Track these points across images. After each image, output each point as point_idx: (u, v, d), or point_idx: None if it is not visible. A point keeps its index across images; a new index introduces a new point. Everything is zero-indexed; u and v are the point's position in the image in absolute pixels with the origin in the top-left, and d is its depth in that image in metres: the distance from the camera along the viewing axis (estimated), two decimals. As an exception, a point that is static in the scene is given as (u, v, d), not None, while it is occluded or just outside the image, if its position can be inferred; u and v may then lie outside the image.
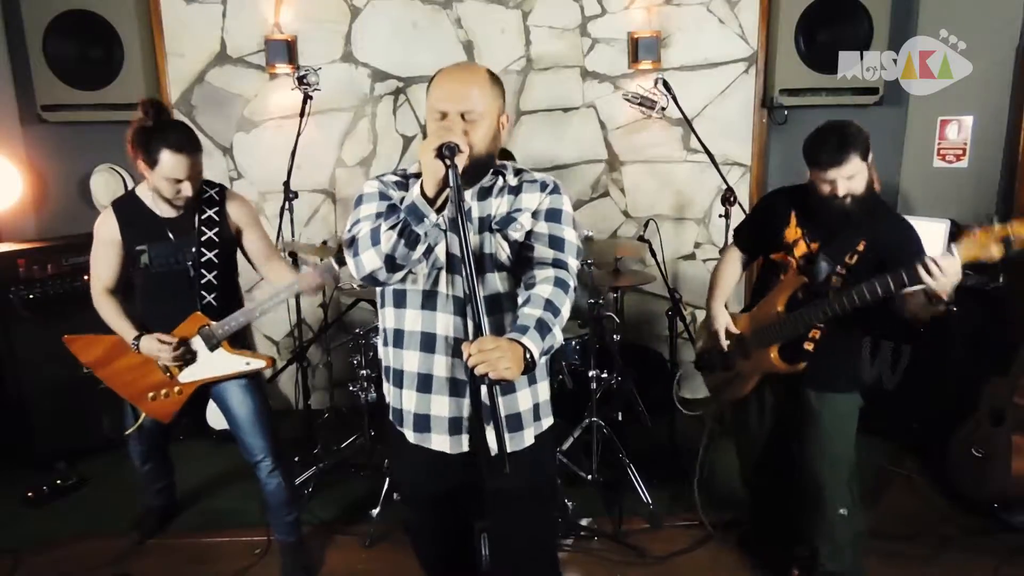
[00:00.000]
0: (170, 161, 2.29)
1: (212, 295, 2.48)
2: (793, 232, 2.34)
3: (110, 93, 3.75)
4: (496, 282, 1.68)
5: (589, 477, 3.23)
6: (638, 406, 3.71)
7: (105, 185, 3.95)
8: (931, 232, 3.58)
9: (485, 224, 1.68)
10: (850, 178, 2.14)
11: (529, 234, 1.68)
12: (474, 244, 1.65)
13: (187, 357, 2.48)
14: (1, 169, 3.84)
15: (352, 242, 1.58)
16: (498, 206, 1.68)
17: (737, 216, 3.42)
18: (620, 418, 3.65)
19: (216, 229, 2.48)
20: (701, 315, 4.21)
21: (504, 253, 1.68)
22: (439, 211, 1.49)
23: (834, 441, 2.34)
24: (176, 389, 2.54)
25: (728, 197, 3.35)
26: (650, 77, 3.71)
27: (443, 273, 1.66)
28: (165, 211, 2.45)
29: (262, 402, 2.62)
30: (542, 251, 1.66)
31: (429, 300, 1.67)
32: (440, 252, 1.65)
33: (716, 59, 3.98)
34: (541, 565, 1.90)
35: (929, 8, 3.84)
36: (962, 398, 3.13)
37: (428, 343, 1.67)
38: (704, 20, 3.93)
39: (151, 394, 2.55)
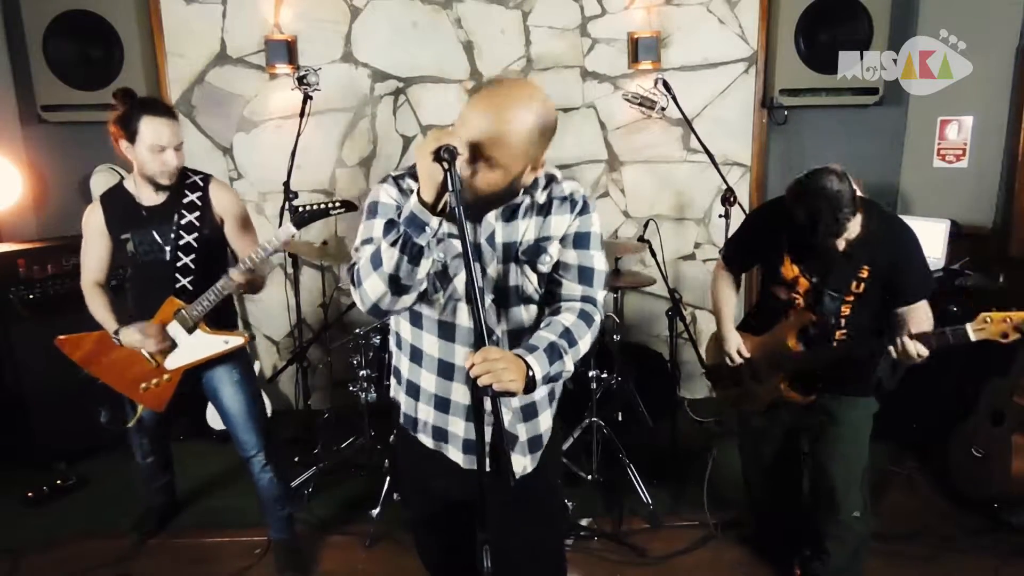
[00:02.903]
0: (150, 126, 2.31)
1: (188, 279, 2.48)
2: (790, 270, 2.33)
3: (110, 93, 3.71)
4: (521, 315, 1.61)
5: (589, 477, 3.24)
6: (638, 406, 3.71)
7: (105, 185, 3.90)
8: (931, 232, 3.59)
9: (510, 252, 1.57)
10: (849, 234, 2.12)
11: (556, 262, 1.60)
12: (498, 274, 1.57)
13: (169, 346, 2.49)
14: (1, 169, 3.84)
15: (355, 273, 1.47)
16: (525, 230, 1.57)
17: (737, 216, 3.43)
18: (620, 418, 3.65)
19: (197, 213, 2.47)
20: (700, 315, 4.24)
21: (531, 286, 1.60)
22: (440, 214, 1.39)
23: (850, 445, 2.34)
24: (165, 377, 2.54)
25: (728, 197, 3.35)
26: (650, 77, 3.71)
27: (462, 305, 1.57)
28: (148, 199, 2.46)
29: (254, 397, 2.64)
30: (570, 287, 1.60)
31: (447, 331, 1.60)
32: (460, 284, 1.56)
33: (716, 59, 3.98)
34: (547, 572, 1.88)
35: (929, 8, 3.84)
36: (962, 398, 3.13)
37: (446, 371, 1.62)
38: (704, 20, 3.93)
39: (143, 385, 2.56)
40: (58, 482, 3.39)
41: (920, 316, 2.19)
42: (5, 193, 3.88)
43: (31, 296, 3.48)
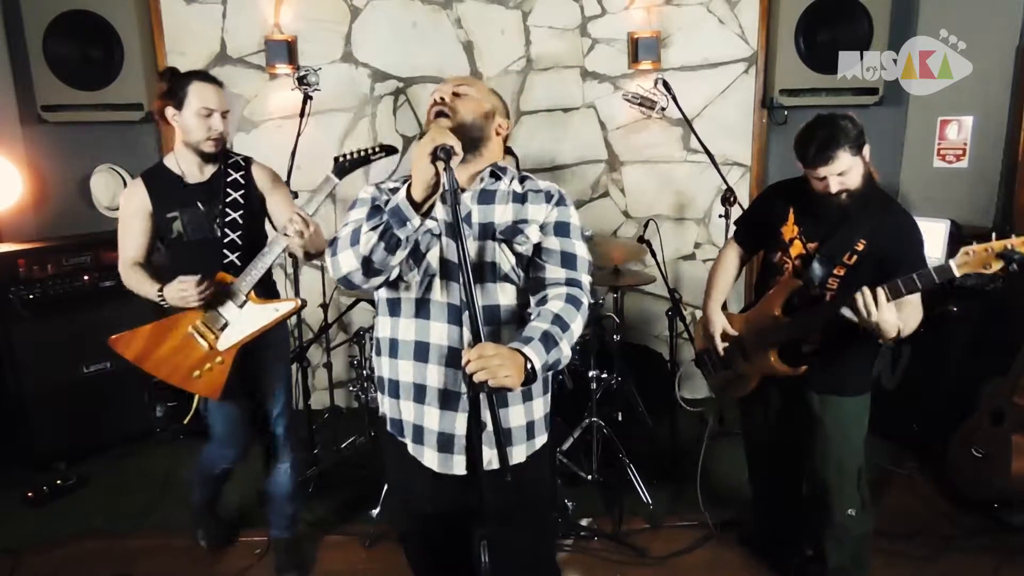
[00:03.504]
0: (199, 90, 2.35)
1: (235, 254, 2.47)
2: (790, 230, 2.30)
3: (110, 93, 3.75)
4: (496, 293, 1.64)
5: (589, 477, 3.24)
6: (638, 406, 3.71)
7: (105, 185, 3.95)
8: (931, 232, 3.59)
9: (487, 231, 1.62)
10: (842, 174, 2.09)
11: (539, 249, 1.64)
12: (474, 251, 1.61)
13: (212, 293, 2.37)
14: (1, 169, 3.84)
15: (333, 242, 1.56)
16: (502, 213, 1.63)
17: (737, 216, 3.44)
18: (620, 418, 3.65)
19: (241, 191, 2.49)
20: (701, 315, 4.23)
21: (508, 264, 1.63)
22: (424, 216, 1.44)
23: (839, 446, 2.30)
24: (218, 359, 2.47)
25: (728, 197, 3.35)
26: (650, 77, 3.71)
27: (437, 280, 1.61)
28: (193, 176, 2.46)
29: (290, 393, 2.67)
30: (554, 271, 1.63)
31: (422, 308, 1.63)
32: (433, 258, 1.61)
33: (716, 59, 3.98)
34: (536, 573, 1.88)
35: (929, 8, 3.84)
36: (962, 398, 3.13)
37: (421, 352, 1.64)
38: (704, 20, 3.93)
39: (196, 372, 2.48)
40: (58, 482, 3.39)
41: (908, 310, 2.09)
42: (5, 193, 3.88)
43: (31, 296, 3.47)
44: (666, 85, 3.42)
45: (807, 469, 2.43)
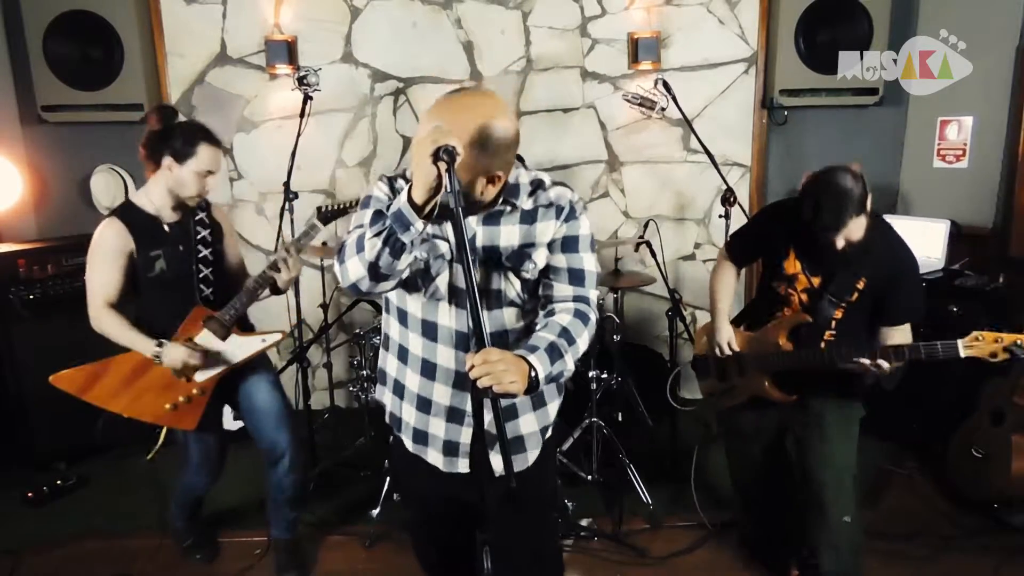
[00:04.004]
0: (207, 153, 2.38)
1: (209, 289, 2.53)
2: (793, 266, 2.33)
3: (110, 93, 3.74)
4: (502, 318, 1.61)
5: (589, 477, 3.24)
6: (638, 406, 3.71)
7: (105, 185, 3.95)
8: (931, 232, 3.60)
9: (492, 256, 1.57)
10: (849, 233, 2.12)
11: (547, 267, 1.61)
12: (479, 278, 1.56)
13: (211, 362, 2.45)
14: (1, 169, 3.84)
15: (340, 250, 1.52)
16: (508, 236, 1.57)
17: (737, 217, 3.43)
18: (620, 418, 3.65)
19: (208, 230, 2.55)
20: (701, 315, 4.24)
21: (514, 290, 1.60)
22: (427, 218, 1.40)
23: (837, 448, 2.33)
24: (196, 391, 2.46)
25: (728, 197, 3.35)
26: (650, 77, 3.71)
27: (444, 304, 1.58)
28: (168, 217, 2.48)
29: (285, 398, 2.68)
30: (562, 289, 1.61)
31: (429, 330, 1.61)
32: (442, 284, 1.57)
33: (716, 59, 3.98)
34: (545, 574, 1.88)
35: (929, 8, 3.84)
36: (962, 398, 3.13)
37: (429, 370, 1.63)
38: (704, 20, 3.93)
39: (168, 405, 2.43)
40: (58, 482, 3.39)
41: (897, 340, 2.20)
42: (5, 193, 3.88)
43: (31, 296, 3.48)
44: (666, 85, 3.42)
45: (800, 474, 2.44)
